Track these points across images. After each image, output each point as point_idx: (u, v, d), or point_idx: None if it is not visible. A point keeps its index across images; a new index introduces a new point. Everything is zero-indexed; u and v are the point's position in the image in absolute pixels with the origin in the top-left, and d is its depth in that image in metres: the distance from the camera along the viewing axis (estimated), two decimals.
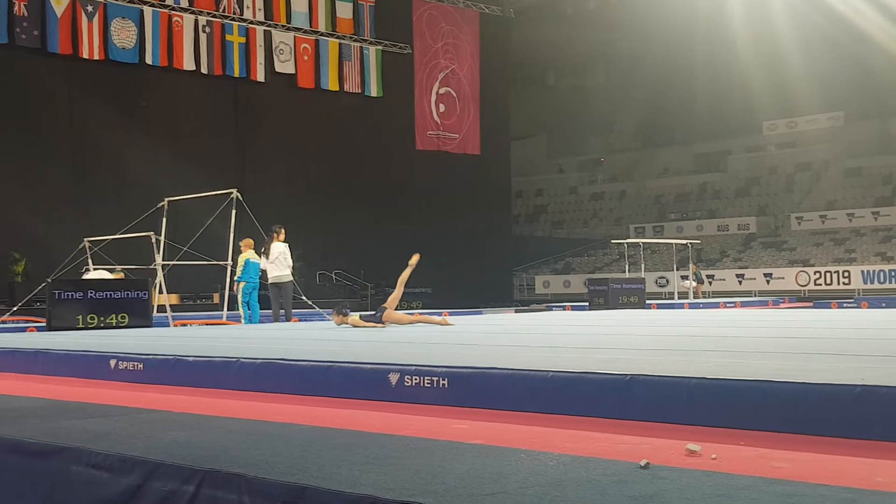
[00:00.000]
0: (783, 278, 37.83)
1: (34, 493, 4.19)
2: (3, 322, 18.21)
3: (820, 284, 36.58)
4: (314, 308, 18.17)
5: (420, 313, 12.36)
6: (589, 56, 54.21)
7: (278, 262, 16.61)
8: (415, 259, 12.18)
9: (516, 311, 25.27)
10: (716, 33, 41.92)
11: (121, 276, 17.43)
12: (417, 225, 31.56)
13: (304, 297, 17.77)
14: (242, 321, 17.27)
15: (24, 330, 15.81)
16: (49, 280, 15.02)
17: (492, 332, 10.31)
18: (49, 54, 25.52)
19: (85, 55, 26.09)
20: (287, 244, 16.83)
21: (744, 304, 25.95)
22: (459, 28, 35.39)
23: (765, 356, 5.99)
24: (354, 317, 11.81)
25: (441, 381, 5.46)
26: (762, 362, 5.47)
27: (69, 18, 25.80)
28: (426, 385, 5.52)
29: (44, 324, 14.80)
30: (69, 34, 25.84)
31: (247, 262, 17.35)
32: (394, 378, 5.69)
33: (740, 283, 38.62)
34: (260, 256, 17.12)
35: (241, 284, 17.34)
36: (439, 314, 16.38)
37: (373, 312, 12.22)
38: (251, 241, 17.53)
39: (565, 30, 45.22)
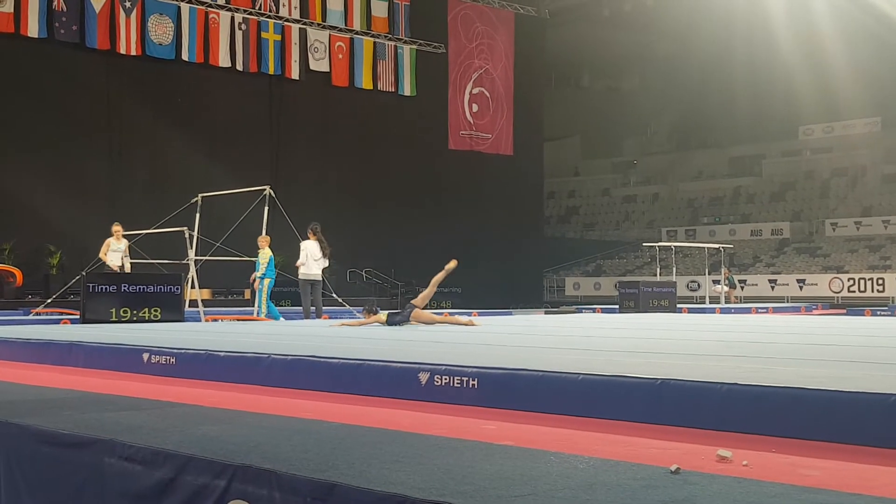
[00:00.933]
0: (816, 284, 37.49)
1: (67, 483, 4.24)
2: (38, 314, 18.41)
3: (854, 291, 36.21)
4: (344, 305, 18.22)
5: (448, 313, 12.34)
6: (624, 58, 53.99)
7: (311, 259, 16.60)
8: (452, 264, 12.21)
9: (546, 313, 25.22)
10: (755, 35, 41.62)
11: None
12: (448, 224, 31.58)
13: (334, 294, 17.82)
14: (267, 317, 16.92)
15: (58, 322, 15.97)
16: (83, 273, 15.18)
17: (521, 334, 10.29)
18: (87, 49, 25.77)
19: (122, 51, 26.33)
20: (318, 242, 16.78)
21: (776, 310, 25.72)
22: (494, 28, 35.35)
23: (797, 363, 5.94)
24: (383, 315, 11.83)
25: (471, 382, 5.46)
26: (794, 369, 5.42)
27: (107, 14, 26.05)
28: (456, 385, 5.52)
29: (78, 316, 14.96)
30: (107, 29, 26.08)
31: (271, 259, 17.12)
32: (424, 377, 5.70)
33: (773, 288, 38.32)
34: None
35: (267, 281, 17.04)
36: (469, 314, 16.37)
37: (399, 311, 12.23)
38: (268, 237, 17.39)
39: (601, 31, 45.06)
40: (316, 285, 16.78)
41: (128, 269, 17.75)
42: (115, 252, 17.62)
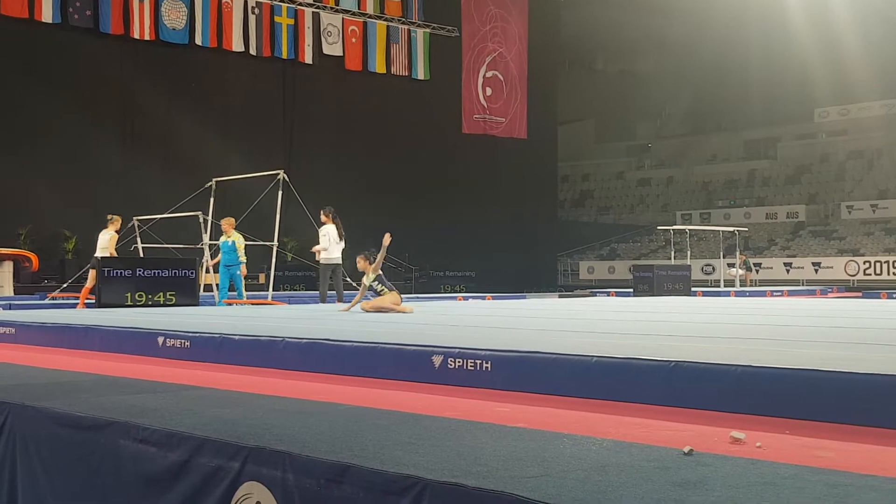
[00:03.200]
0: (832, 268, 37.33)
1: (84, 465, 4.27)
2: (54, 298, 18.52)
3: (870, 274, 36.05)
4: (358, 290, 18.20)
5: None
6: (639, 40, 53.66)
7: (333, 243, 16.38)
8: (387, 240, 12.01)
9: (560, 297, 25.19)
10: (769, 17, 41.35)
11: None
12: (462, 208, 31.58)
13: (347, 279, 17.84)
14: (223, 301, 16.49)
15: (73, 306, 16.07)
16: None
17: (535, 317, 10.29)
18: (101, 34, 25.84)
19: (136, 36, 26.38)
20: (336, 225, 16.61)
21: (791, 293, 25.65)
22: (508, 11, 35.23)
23: (811, 345, 5.92)
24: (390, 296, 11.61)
25: (484, 364, 5.47)
26: (809, 351, 5.41)
27: None
28: (469, 368, 5.53)
29: (93, 301, 15.03)
30: (121, 15, 26.13)
31: (233, 244, 16.70)
32: (437, 360, 5.70)
33: (788, 271, 38.17)
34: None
35: (219, 263, 16.67)
36: (483, 298, 16.26)
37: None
38: (233, 220, 17.07)
39: (615, 14, 44.85)
40: (336, 269, 16.70)
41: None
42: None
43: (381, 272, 11.83)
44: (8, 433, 4.75)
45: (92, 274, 15.98)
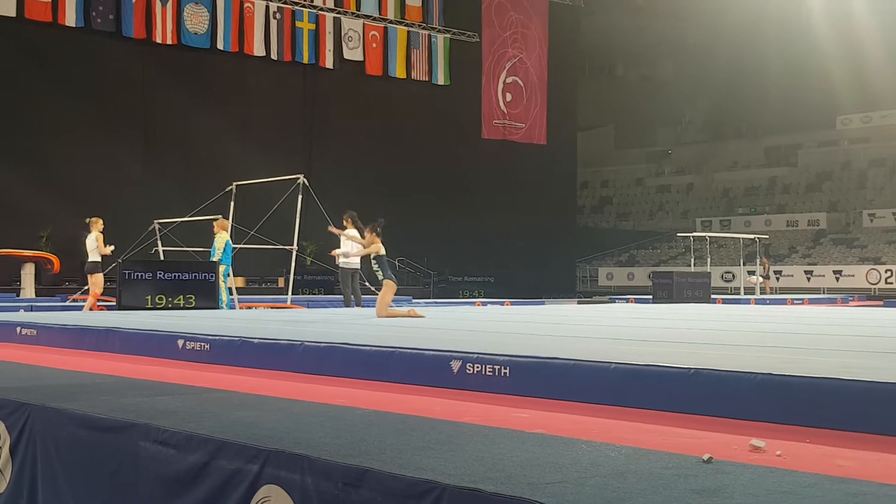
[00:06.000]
0: (853, 276, 37.09)
1: (103, 466, 4.29)
2: (75, 301, 18.62)
3: (891, 283, 35.78)
4: (377, 294, 18.22)
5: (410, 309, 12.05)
6: (659, 46, 53.58)
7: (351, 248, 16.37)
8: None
9: (579, 303, 25.14)
10: (790, 22, 41.15)
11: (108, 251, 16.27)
12: (481, 214, 31.56)
13: (367, 284, 17.86)
14: (224, 306, 16.06)
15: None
16: (119, 260, 15.32)
17: (554, 323, 10.28)
18: (123, 38, 25.98)
19: (158, 39, 26.52)
20: (357, 230, 16.62)
21: (812, 302, 25.49)
22: (528, 17, 35.22)
23: (832, 354, 5.89)
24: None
25: (503, 370, 5.46)
26: (829, 360, 5.38)
27: (143, 3, 26.24)
28: (488, 373, 5.53)
29: (114, 303, 15.10)
30: (143, 19, 26.29)
31: (227, 244, 16.49)
32: (456, 365, 5.70)
33: (809, 279, 37.95)
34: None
35: (223, 267, 16.25)
36: (501, 303, 16.27)
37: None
38: (225, 221, 16.95)
39: (635, 20, 44.80)
40: (355, 274, 16.76)
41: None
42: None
43: (384, 255, 11.76)
44: (29, 434, 4.78)
45: (95, 279, 15.89)
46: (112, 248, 16.23)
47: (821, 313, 14.50)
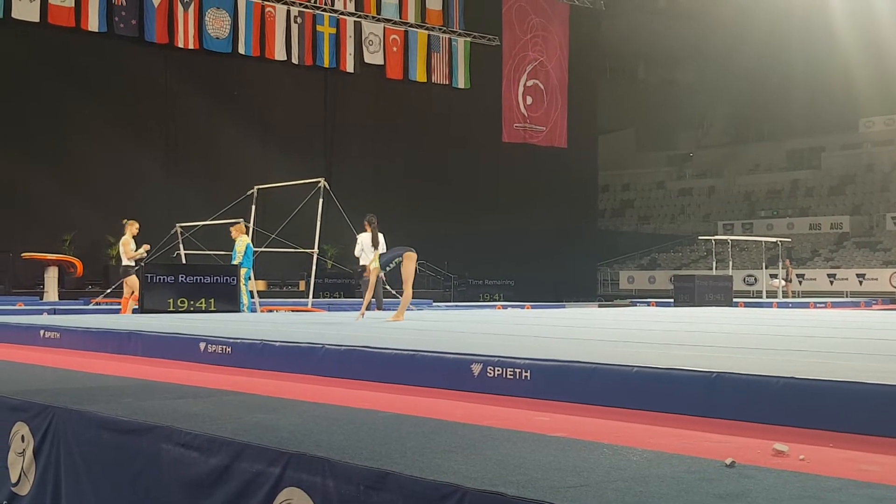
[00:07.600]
0: (877, 279, 36.82)
1: (125, 469, 4.31)
2: (98, 304, 18.73)
3: None
4: (397, 297, 18.26)
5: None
6: (680, 49, 53.33)
7: (370, 250, 16.40)
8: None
9: (600, 306, 25.08)
10: (812, 24, 40.84)
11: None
12: (502, 217, 31.54)
13: (387, 287, 17.88)
14: (246, 309, 16.05)
15: (117, 311, 16.23)
16: (142, 264, 15.39)
17: (575, 326, 10.25)
18: (146, 43, 26.17)
19: (180, 44, 26.69)
20: (372, 234, 16.65)
21: (835, 305, 25.32)
22: (549, 20, 35.20)
23: (856, 357, 5.85)
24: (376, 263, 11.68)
25: (524, 373, 5.45)
26: (853, 363, 5.33)
27: (165, 8, 26.42)
28: (508, 377, 5.51)
29: (136, 306, 15.18)
30: (165, 23, 26.46)
31: (248, 247, 16.47)
32: (476, 369, 5.70)
33: (832, 283, 37.71)
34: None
35: (244, 270, 16.23)
36: (522, 306, 16.27)
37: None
38: (242, 225, 16.96)
39: (656, 22, 44.64)
40: (379, 278, 16.71)
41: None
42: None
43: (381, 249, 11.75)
44: (53, 436, 4.81)
45: (130, 281, 15.86)
46: (146, 247, 16.16)
47: (843, 317, 14.40)
